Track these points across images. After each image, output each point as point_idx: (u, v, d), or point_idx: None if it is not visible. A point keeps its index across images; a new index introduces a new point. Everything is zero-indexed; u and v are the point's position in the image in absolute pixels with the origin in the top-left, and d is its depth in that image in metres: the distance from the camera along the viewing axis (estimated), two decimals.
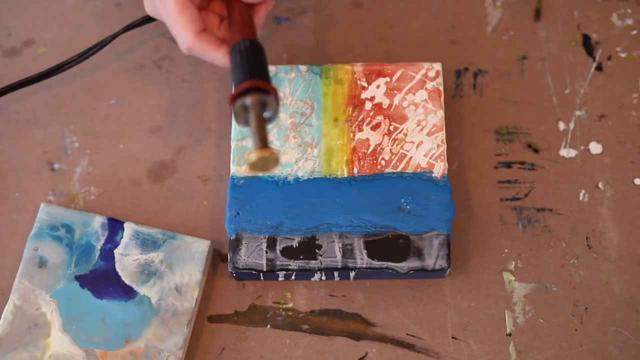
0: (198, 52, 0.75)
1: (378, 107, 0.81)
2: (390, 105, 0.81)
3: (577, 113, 0.84)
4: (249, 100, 0.68)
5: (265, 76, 0.70)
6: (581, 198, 0.81)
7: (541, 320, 0.78)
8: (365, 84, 0.82)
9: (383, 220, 0.77)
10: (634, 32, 0.87)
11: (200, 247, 0.78)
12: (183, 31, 0.74)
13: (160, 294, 0.77)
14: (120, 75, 0.87)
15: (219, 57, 0.74)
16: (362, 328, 0.78)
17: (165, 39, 0.87)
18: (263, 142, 0.67)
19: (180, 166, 0.83)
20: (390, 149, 0.80)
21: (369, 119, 0.81)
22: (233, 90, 0.69)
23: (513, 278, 0.79)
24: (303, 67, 0.82)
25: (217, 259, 0.81)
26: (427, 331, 0.78)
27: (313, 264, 0.77)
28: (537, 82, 0.86)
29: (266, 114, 0.69)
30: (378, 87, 0.82)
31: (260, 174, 0.66)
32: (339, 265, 0.77)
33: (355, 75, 0.82)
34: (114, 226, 0.79)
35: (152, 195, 0.83)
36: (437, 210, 0.77)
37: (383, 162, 0.79)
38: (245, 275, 0.78)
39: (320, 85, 0.82)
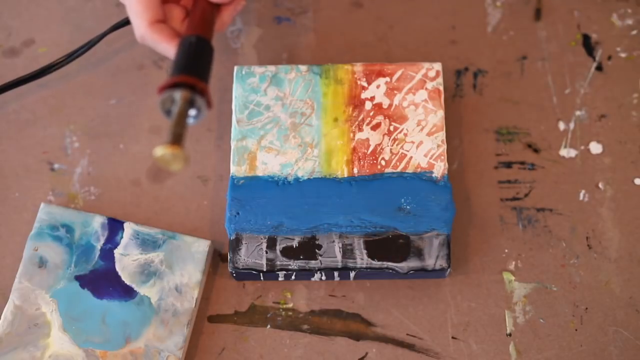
0: (150, 41, 0.74)
1: (378, 107, 0.81)
2: (390, 105, 0.81)
3: (577, 113, 0.84)
4: (178, 94, 0.67)
5: (202, 75, 0.69)
6: (581, 198, 0.81)
7: (541, 320, 0.78)
8: (365, 84, 0.82)
9: (383, 220, 0.77)
10: (634, 32, 0.87)
11: (200, 247, 0.78)
12: (137, 19, 0.74)
13: (160, 294, 0.77)
14: (120, 75, 0.87)
15: (170, 49, 0.73)
16: (362, 328, 0.78)
17: None
18: (177, 138, 0.65)
19: None
20: (390, 149, 0.80)
21: (369, 118, 0.81)
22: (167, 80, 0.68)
23: (513, 278, 0.79)
24: (303, 67, 0.82)
25: (217, 259, 0.81)
26: (427, 331, 0.78)
27: (313, 264, 0.77)
28: (537, 82, 0.86)
29: (192, 112, 0.68)
30: (378, 87, 0.82)
31: (164, 168, 0.65)
32: (339, 265, 0.77)
33: (355, 75, 0.82)
34: (114, 226, 0.79)
35: (152, 195, 0.83)
36: (437, 210, 0.77)
37: (383, 162, 0.79)
38: (245, 275, 0.78)
39: (320, 85, 0.82)
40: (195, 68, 0.69)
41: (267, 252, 0.77)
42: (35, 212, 0.81)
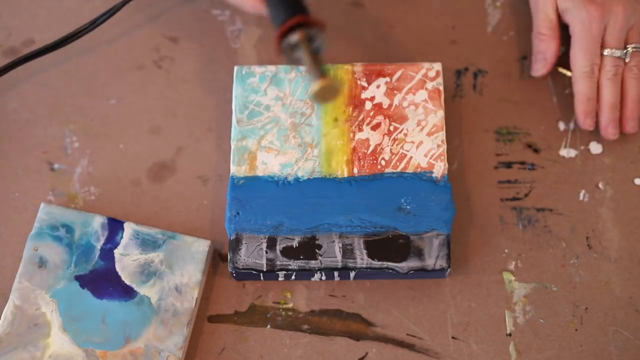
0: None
1: (378, 107, 0.81)
2: (390, 105, 0.81)
3: None
4: (295, 37, 0.68)
5: (306, 10, 0.70)
6: (581, 198, 0.81)
7: (541, 320, 0.78)
8: (365, 84, 0.82)
9: (383, 220, 0.77)
10: None
11: (200, 247, 0.78)
12: None
13: (160, 294, 0.77)
14: (120, 75, 0.87)
15: (250, 2, 0.74)
16: (362, 328, 0.78)
17: (165, 39, 0.87)
18: (321, 72, 0.67)
19: (180, 166, 0.83)
20: (390, 149, 0.80)
21: (369, 119, 0.81)
22: (276, 30, 0.69)
23: (513, 278, 0.79)
24: (303, 67, 0.82)
25: (217, 259, 0.81)
26: (427, 331, 0.78)
27: (313, 264, 0.77)
28: (537, 82, 0.86)
29: (315, 45, 0.69)
30: (378, 87, 0.82)
31: (323, 103, 0.67)
32: (339, 265, 0.77)
33: (355, 75, 0.82)
34: (114, 226, 0.79)
35: (152, 195, 0.83)
36: (437, 210, 0.77)
37: (383, 162, 0.79)
38: (245, 275, 0.78)
39: None
40: (297, 6, 0.70)
41: (267, 252, 0.77)
42: (35, 212, 0.81)
